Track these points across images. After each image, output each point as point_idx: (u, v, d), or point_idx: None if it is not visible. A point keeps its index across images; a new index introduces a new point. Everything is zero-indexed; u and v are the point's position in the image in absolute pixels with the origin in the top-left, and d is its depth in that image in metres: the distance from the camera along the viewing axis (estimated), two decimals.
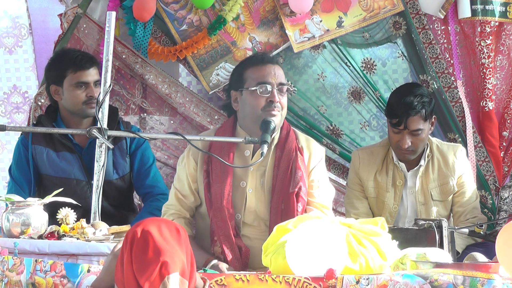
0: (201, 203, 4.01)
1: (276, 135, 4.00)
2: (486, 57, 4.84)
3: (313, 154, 4.04)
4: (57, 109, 4.36)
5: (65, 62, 4.26)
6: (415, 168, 4.46)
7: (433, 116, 4.45)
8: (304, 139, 4.07)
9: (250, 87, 3.92)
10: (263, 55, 4.17)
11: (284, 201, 3.91)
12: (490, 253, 3.73)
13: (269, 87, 3.90)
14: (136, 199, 4.69)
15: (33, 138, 4.31)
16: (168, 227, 2.66)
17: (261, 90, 3.90)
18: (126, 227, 3.15)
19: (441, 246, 3.38)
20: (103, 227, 3.25)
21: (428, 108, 4.36)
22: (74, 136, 4.30)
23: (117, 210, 4.36)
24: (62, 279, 2.92)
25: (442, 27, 4.90)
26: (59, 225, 3.23)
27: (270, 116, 3.87)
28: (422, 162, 4.45)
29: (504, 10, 4.81)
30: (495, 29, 4.87)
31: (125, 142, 4.36)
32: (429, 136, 4.53)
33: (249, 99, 3.93)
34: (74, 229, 3.21)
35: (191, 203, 4.01)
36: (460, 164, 4.48)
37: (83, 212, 3.45)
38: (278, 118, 3.89)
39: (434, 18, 4.88)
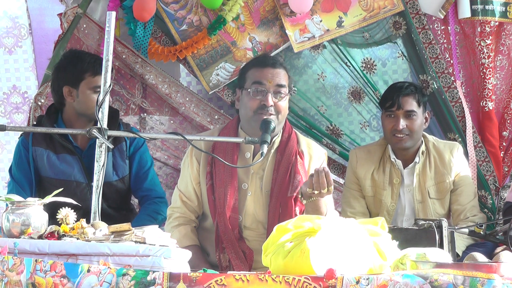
0: (202, 206, 3.99)
1: (277, 138, 3.96)
2: (486, 57, 4.84)
3: (313, 158, 4.00)
4: (59, 110, 4.35)
5: (83, 65, 4.24)
6: (411, 165, 4.47)
7: (427, 111, 4.49)
8: (305, 143, 4.03)
9: (247, 87, 3.91)
10: (266, 57, 4.13)
11: (282, 205, 3.88)
12: (490, 253, 3.73)
13: (262, 90, 3.87)
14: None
15: (34, 140, 4.30)
16: None
17: (254, 91, 3.88)
18: (126, 225, 3.15)
19: (441, 246, 3.38)
20: (103, 227, 3.24)
21: (420, 96, 4.44)
22: (74, 138, 4.30)
23: (116, 211, 4.35)
24: (62, 279, 2.92)
25: (442, 27, 4.90)
26: (59, 225, 3.23)
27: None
28: (417, 159, 4.46)
29: (504, 10, 4.81)
30: (495, 29, 4.86)
31: (125, 144, 4.35)
32: (426, 134, 4.54)
33: (245, 99, 3.92)
34: (74, 229, 3.20)
35: (196, 206, 3.99)
36: (457, 162, 4.48)
37: (83, 214, 3.44)
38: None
39: (434, 18, 4.88)
